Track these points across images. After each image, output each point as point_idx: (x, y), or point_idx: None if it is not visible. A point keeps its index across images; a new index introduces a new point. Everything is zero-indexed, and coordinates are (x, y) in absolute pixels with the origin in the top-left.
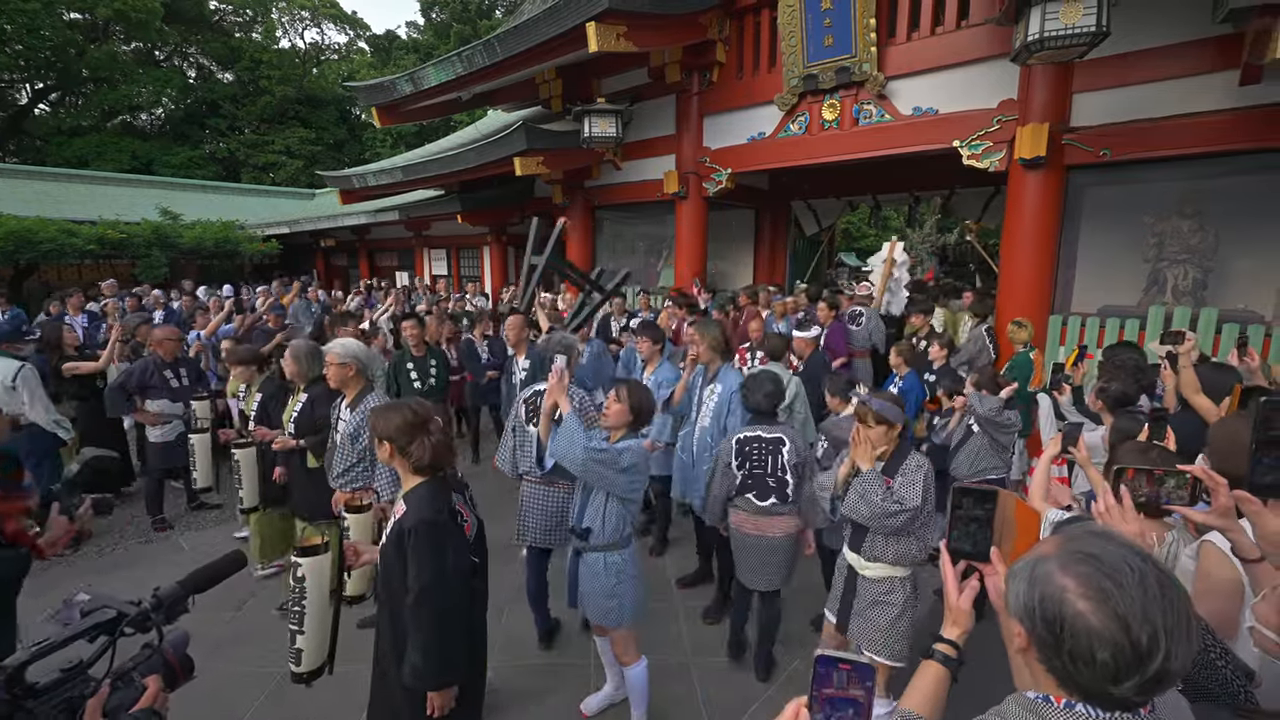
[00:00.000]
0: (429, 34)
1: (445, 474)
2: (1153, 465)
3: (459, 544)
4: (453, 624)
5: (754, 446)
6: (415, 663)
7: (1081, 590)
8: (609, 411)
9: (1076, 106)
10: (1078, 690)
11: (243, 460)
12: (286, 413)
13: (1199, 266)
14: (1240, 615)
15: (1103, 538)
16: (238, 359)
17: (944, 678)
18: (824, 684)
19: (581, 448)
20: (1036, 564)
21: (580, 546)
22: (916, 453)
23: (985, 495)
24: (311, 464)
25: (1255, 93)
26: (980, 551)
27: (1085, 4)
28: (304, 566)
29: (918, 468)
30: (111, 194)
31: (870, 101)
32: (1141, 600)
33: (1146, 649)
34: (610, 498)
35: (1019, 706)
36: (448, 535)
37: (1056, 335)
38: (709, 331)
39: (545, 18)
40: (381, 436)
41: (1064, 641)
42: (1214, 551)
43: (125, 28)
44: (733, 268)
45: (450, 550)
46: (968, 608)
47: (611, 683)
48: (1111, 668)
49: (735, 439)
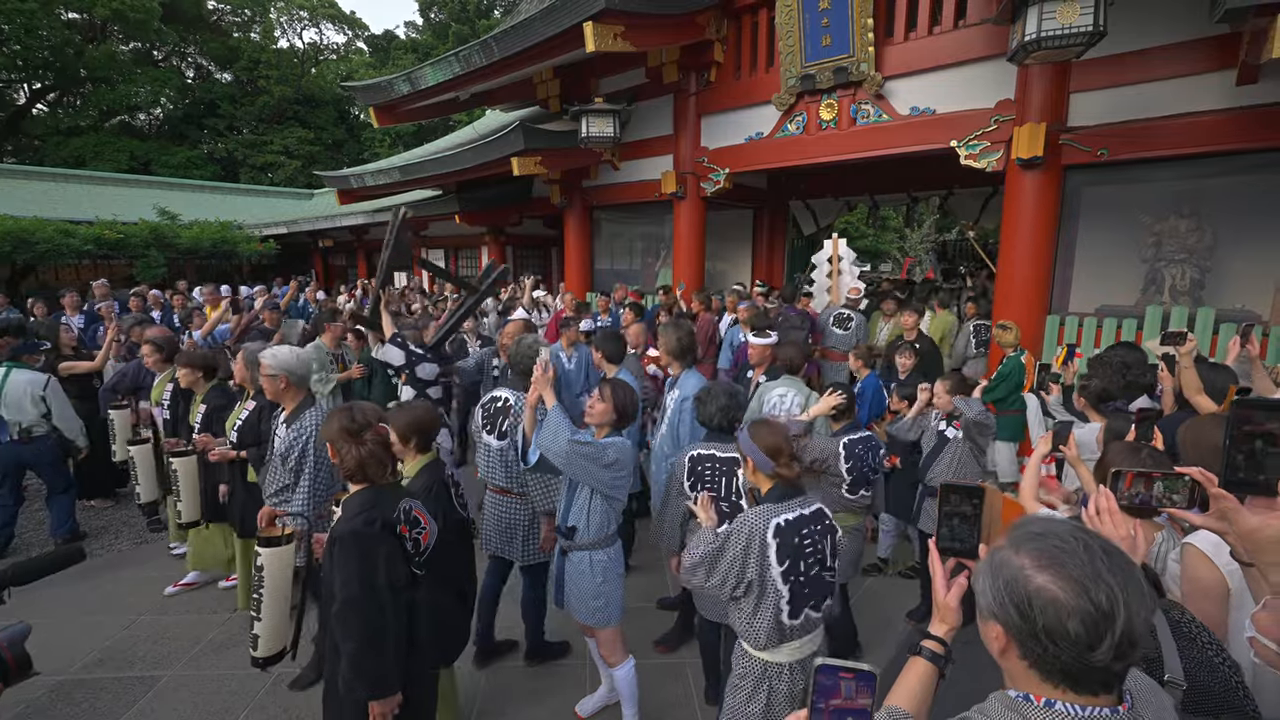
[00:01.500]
0: (427, 34)
1: (389, 482)
2: (1143, 465)
3: (392, 554)
4: (380, 637)
5: (708, 466)
6: (345, 673)
7: (1037, 563)
8: (593, 410)
9: (1074, 106)
10: (1059, 673)
11: (182, 470)
12: (230, 419)
13: (1196, 266)
14: (1225, 616)
15: (1046, 519)
16: (188, 361)
17: (931, 675)
18: (830, 695)
19: (566, 440)
20: (993, 555)
21: (566, 545)
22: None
23: (972, 492)
24: (252, 477)
25: (1252, 92)
26: (968, 548)
27: (1082, 3)
28: (263, 556)
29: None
30: (109, 194)
31: (868, 101)
32: (1091, 564)
33: (1108, 609)
34: (595, 495)
35: (1001, 704)
36: (375, 545)
37: (1054, 335)
38: (667, 334)
39: (543, 18)
40: (325, 438)
41: (1036, 620)
42: (1195, 553)
43: (123, 27)
44: (731, 268)
45: (380, 561)
46: (955, 605)
47: (606, 684)
48: (1084, 635)
49: (688, 456)
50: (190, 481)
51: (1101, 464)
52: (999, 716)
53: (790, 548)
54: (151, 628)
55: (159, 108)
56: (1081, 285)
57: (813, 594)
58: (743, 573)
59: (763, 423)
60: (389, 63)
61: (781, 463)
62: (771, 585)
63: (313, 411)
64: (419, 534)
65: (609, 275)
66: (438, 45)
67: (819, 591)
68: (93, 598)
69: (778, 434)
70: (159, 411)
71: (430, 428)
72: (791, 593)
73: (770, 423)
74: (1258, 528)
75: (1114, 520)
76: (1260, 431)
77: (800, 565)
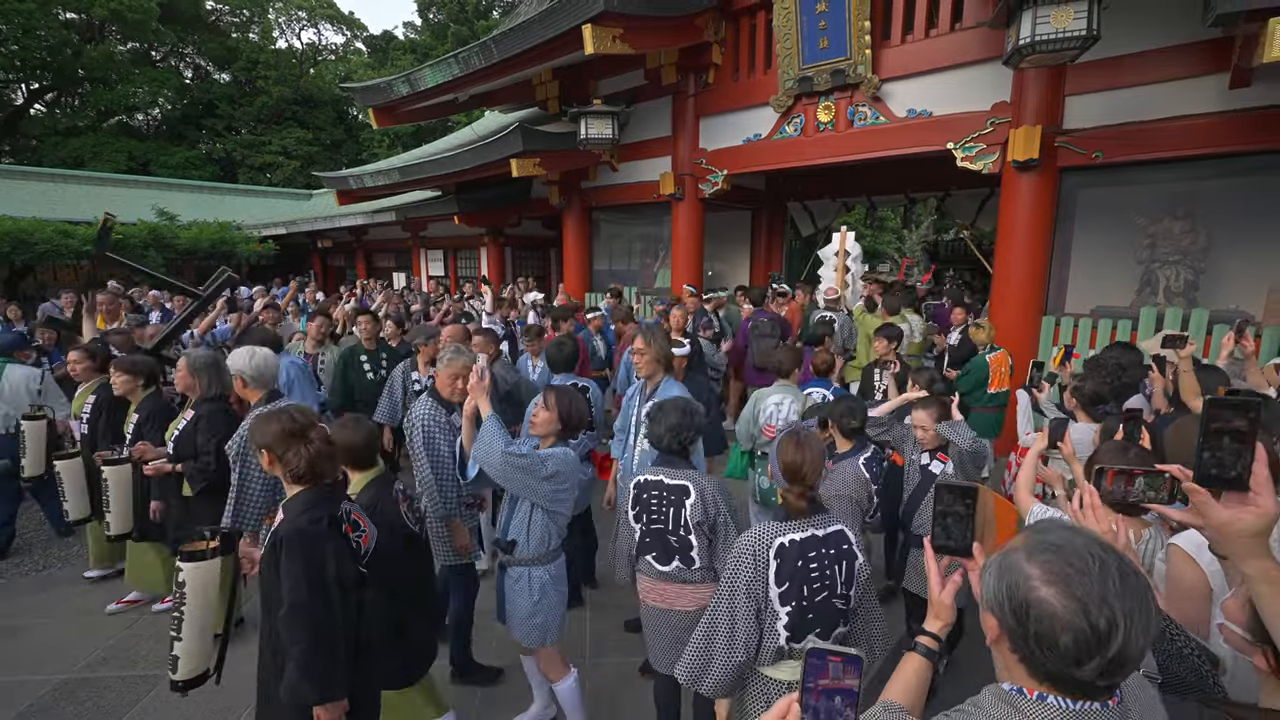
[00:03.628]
0: (426, 34)
1: (331, 483)
2: (1130, 464)
3: (340, 552)
4: (330, 636)
5: (654, 494)
6: (291, 678)
7: (1045, 577)
8: (536, 419)
9: (1069, 109)
10: (1045, 675)
11: (113, 480)
12: (169, 429)
13: (1191, 268)
14: (1208, 614)
15: (1069, 530)
16: (130, 367)
17: (925, 670)
18: (819, 675)
19: (500, 453)
20: (1005, 556)
21: (506, 560)
22: None
23: (966, 491)
24: (187, 491)
25: (1245, 95)
26: (962, 546)
27: (1076, 8)
28: (185, 571)
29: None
30: (108, 194)
31: (865, 103)
32: (1101, 586)
33: (1105, 632)
34: (535, 508)
35: (994, 698)
36: (322, 542)
37: (1050, 335)
38: (656, 340)
39: (542, 20)
40: (259, 445)
41: (1029, 627)
42: (1179, 554)
43: (121, 28)
44: (730, 268)
45: (329, 559)
46: (950, 601)
47: (539, 702)
48: (1073, 651)
49: (633, 483)
50: (122, 491)
51: (1091, 462)
52: (993, 709)
53: (792, 570)
54: (154, 626)
55: (157, 108)
56: (1077, 286)
57: (818, 621)
58: (749, 603)
59: (794, 437)
60: (388, 63)
61: (796, 491)
62: (769, 606)
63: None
64: (359, 536)
65: (608, 276)
66: (436, 46)
67: (827, 619)
68: (95, 597)
69: (804, 455)
70: (77, 425)
71: (364, 447)
72: (791, 617)
73: (804, 439)
74: (1228, 521)
75: (1096, 515)
76: (1229, 429)
77: (804, 590)
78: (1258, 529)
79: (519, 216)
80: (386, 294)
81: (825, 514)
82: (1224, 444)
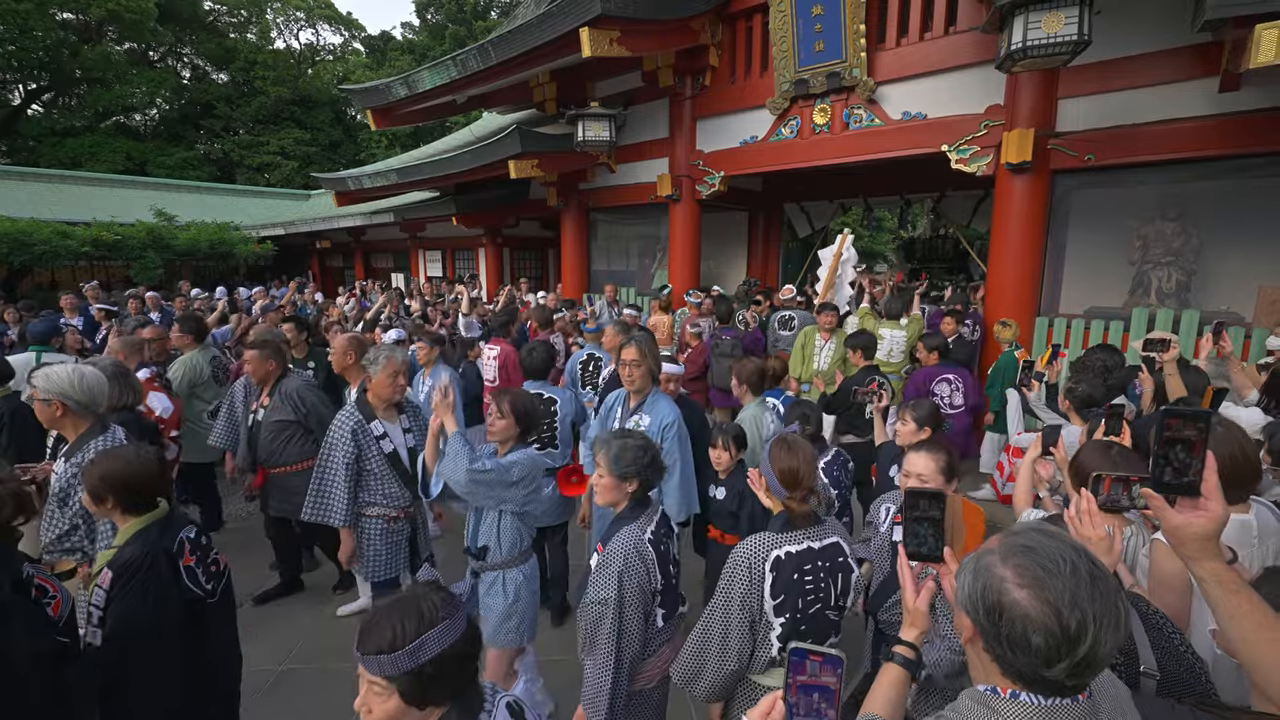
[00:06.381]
0: (424, 35)
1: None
2: (1113, 462)
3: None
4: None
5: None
6: None
7: (1018, 579)
8: (493, 428)
9: (1062, 112)
10: (1016, 675)
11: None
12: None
13: (1182, 269)
14: (1188, 607)
15: (1042, 533)
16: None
17: (903, 679)
18: (798, 671)
19: (464, 470)
20: (980, 558)
21: (478, 567)
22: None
23: (936, 497)
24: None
25: (1235, 99)
26: (934, 553)
27: (1066, 13)
28: None
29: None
30: (106, 195)
31: (860, 106)
32: (1072, 589)
33: (1075, 634)
34: (504, 513)
35: (971, 700)
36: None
37: (1044, 336)
38: (650, 349)
39: (539, 23)
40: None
41: (1002, 628)
42: (1162, 548)
43: (119, 28)
44: (727, 269)
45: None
46: (925, 609)
47: (525, 676)
48: (1044, 651)
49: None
50: None
51: (1074, 462)
52: (969, 712)
53: (788, 582)
54: None
55: (155, 108)
56: (1071, 287)
57: (810, 632)
58: (744, 617)
59: (783, 442)
60: (385, 64)
61: (797, 495)
62: (764, 618)
63: (100, 441)
64: (49, 603)
65: (605, 277)
66: (434, 46)
67: (819, 630)
68: None
69: (798, 458)
70: None
71: (144, 481)
72: (784, 628)
73: (793, 443)
74: (1182, 525)
75: (1093, 521)
76: (1180, 438)
77: (798, 603)
78: (1209, 532)
79: (517, 217)
80: (386, 295)
81: (822, 525)
82: (1177, 452)
